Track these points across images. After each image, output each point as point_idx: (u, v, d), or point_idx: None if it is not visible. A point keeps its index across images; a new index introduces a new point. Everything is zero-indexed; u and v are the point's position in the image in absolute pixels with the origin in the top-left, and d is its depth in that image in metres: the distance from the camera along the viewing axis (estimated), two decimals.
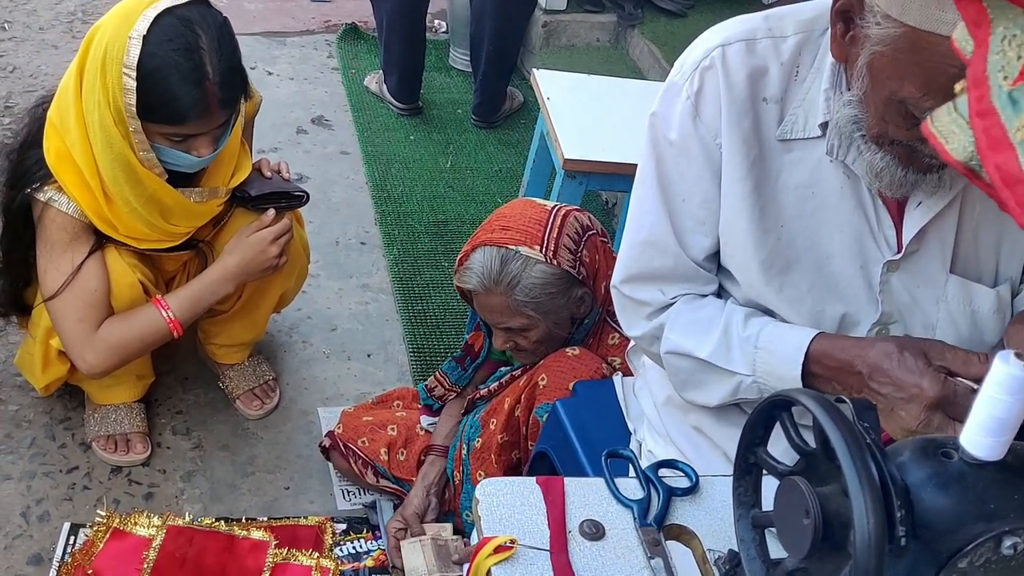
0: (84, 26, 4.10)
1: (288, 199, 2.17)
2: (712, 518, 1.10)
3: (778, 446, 1.39)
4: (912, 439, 0.81)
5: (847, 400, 0.80)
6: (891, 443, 0.85)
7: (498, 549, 0.99)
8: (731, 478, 1.16)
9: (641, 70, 3.90)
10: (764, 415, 0.86)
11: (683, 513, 1.10)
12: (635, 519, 1.07)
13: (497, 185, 3.45)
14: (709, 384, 1.36)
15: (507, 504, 1.06)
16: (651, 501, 1.09)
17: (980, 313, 1.32)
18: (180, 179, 1.95)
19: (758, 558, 0.87)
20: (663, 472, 1.15)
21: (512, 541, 1.00)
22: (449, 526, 2.06)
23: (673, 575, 1.00)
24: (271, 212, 2.09)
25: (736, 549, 1.04)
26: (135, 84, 1.75)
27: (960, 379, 1.11)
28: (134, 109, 1.77)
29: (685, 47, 1.38)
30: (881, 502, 0.71)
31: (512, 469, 2.03)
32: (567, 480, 1.10)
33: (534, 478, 1.09)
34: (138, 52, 1.73)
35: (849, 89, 1.19)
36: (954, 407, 1.10)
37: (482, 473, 2.04)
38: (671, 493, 1.10)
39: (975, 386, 1.07)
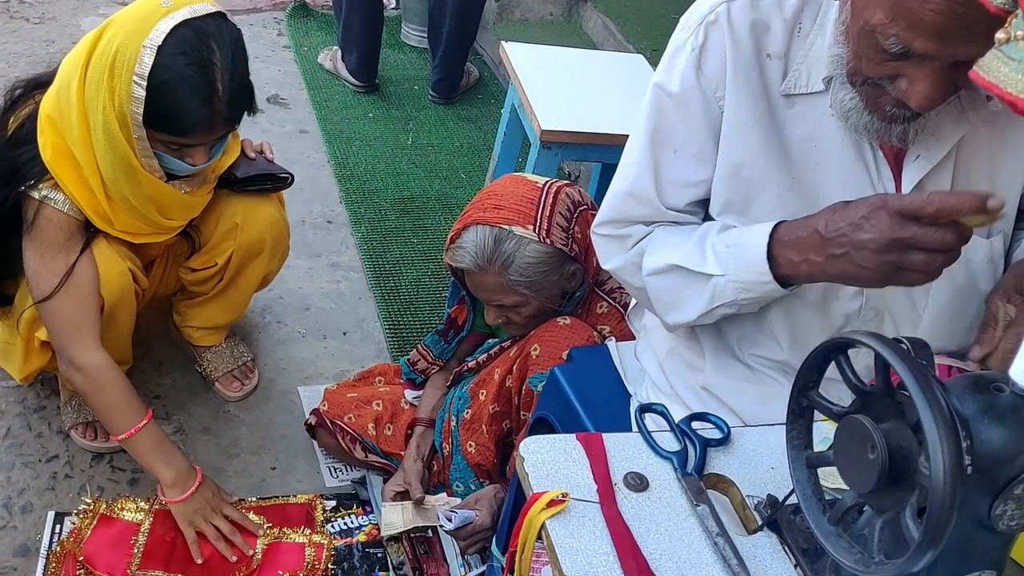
0: (21, 6, 3.97)
1: (273, 181, 2.14)
2: (746, 466, 1.13)
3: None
4: (963, 376, 0.85)
5: (904, 341, 0.84)
6: None
7: (550, 504, 1.01)
8: (757, 429, 1.20)
9: (595, 43, 3.92)
10: (819, 358, 0.89)
11: (717, 463, 1.14)
12: (676, 470, 1.09)
13: (460, 160, 3.45)
14: (687, 298, 1.39)
15: (551, 461, 1.08)
16: (687, 453, 1.12)
17: (975, 263, 1.38)
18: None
19: (814, 497, 0.91)
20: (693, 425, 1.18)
21: (564, 495, 1.01)
22: (457, 500, 2.07)
23: (720, 521, 1.03)
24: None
25: (774, 494, 1.08)
26: (144, 94, 1.71)
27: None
28: (140, 118, 1.73)
29: (638, 19, 1.42)
30: (954, 432, 0.74)
31: (503, 439, 2.05)
32: (605, 436, 1.12)
33: (574, 435, 1.11)
34: (151, 63, 1.69)
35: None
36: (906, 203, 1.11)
37: (472, 444, 2.05)
38: (707, 444, 1.13)
39: None
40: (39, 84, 1.90)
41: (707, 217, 1.44)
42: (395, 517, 2.08)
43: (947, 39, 1.06)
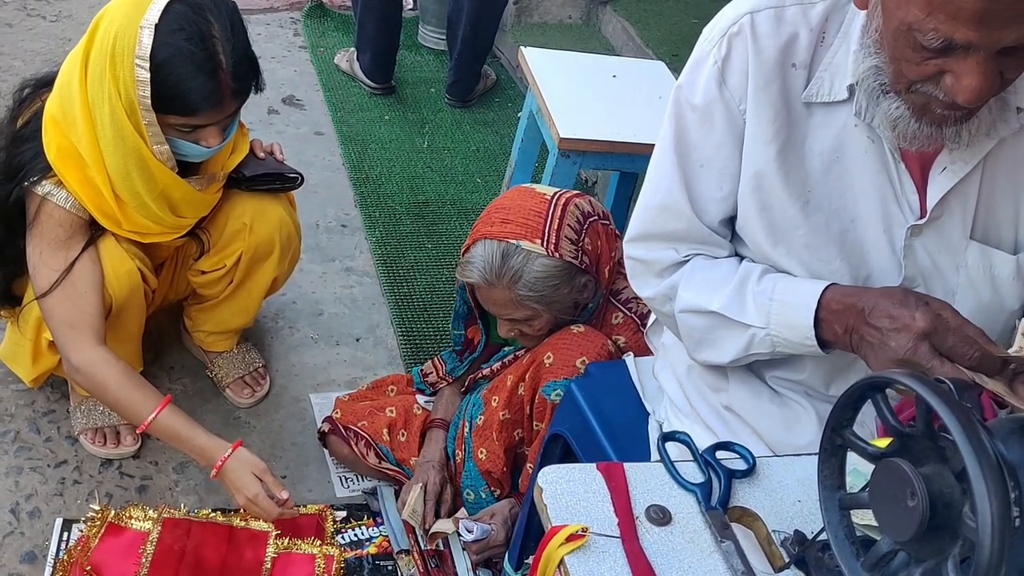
0: (39, 3, 3.96)
1: (282, 181, 2.12)
2: (772, 499, 1.09)
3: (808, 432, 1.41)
4: (1009, 419, 0.81)
5: (947, 381, 0.80)
6: None
7: (569, 538, 0.98)
8: (783, 459, 1.16)
9: (614, 47, 3.88)
10: (855, 396, 0.85)
11: (742, 495, 1.10)
12: (699, 503, 1.06)
13: (475, 165, 3.42)
14: (722, 340, 1.37)
15: (571, 492, 1.04)
16: (712, 484, 1.08)
17: (1000, 279, 1.33)
18: (181, 166, 1.89)
19: (847, 540, 0.87)
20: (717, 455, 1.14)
21: (584, 529, 0.98)
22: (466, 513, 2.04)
23: (745, 558, 0.99)
24: (284, 495, 1.88)
25: (801, 529, 1.04)
26: (149, 76, 1.68)
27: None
28: (148, 101, 1.71)
29: (658, 24, 1.39)
30: (1002, 483, 0.70)
31: (513, 447, 2.02)
32: (627, 465, 1.08)
33: (594, 464, 1.08)
34: (150, 43, 1.67)
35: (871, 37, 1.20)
36: (942, 337, 1.13)
37: (483, 451, 2.03)
38: (732, 476, 1.09)
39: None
40: (47, 83, 1.88)
41: (734, 235, 1.41)
42: (418, 504, 2.06)
43: (989, 24, 1.02)
